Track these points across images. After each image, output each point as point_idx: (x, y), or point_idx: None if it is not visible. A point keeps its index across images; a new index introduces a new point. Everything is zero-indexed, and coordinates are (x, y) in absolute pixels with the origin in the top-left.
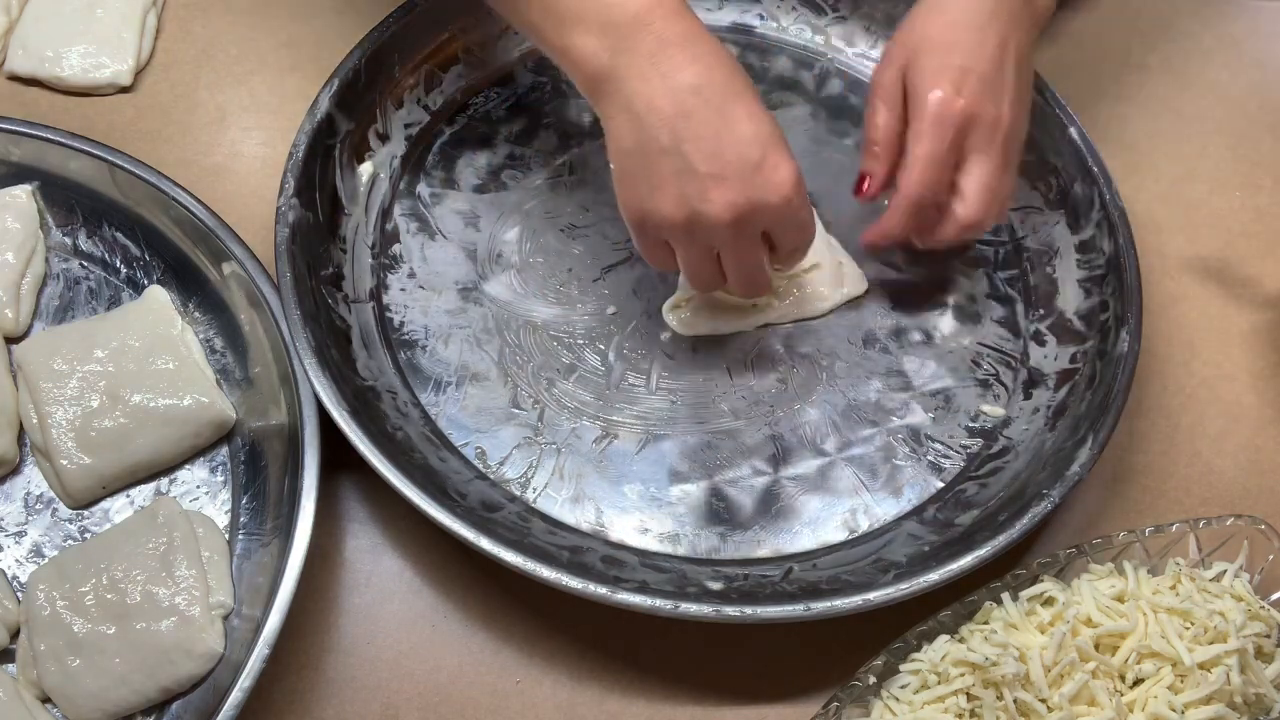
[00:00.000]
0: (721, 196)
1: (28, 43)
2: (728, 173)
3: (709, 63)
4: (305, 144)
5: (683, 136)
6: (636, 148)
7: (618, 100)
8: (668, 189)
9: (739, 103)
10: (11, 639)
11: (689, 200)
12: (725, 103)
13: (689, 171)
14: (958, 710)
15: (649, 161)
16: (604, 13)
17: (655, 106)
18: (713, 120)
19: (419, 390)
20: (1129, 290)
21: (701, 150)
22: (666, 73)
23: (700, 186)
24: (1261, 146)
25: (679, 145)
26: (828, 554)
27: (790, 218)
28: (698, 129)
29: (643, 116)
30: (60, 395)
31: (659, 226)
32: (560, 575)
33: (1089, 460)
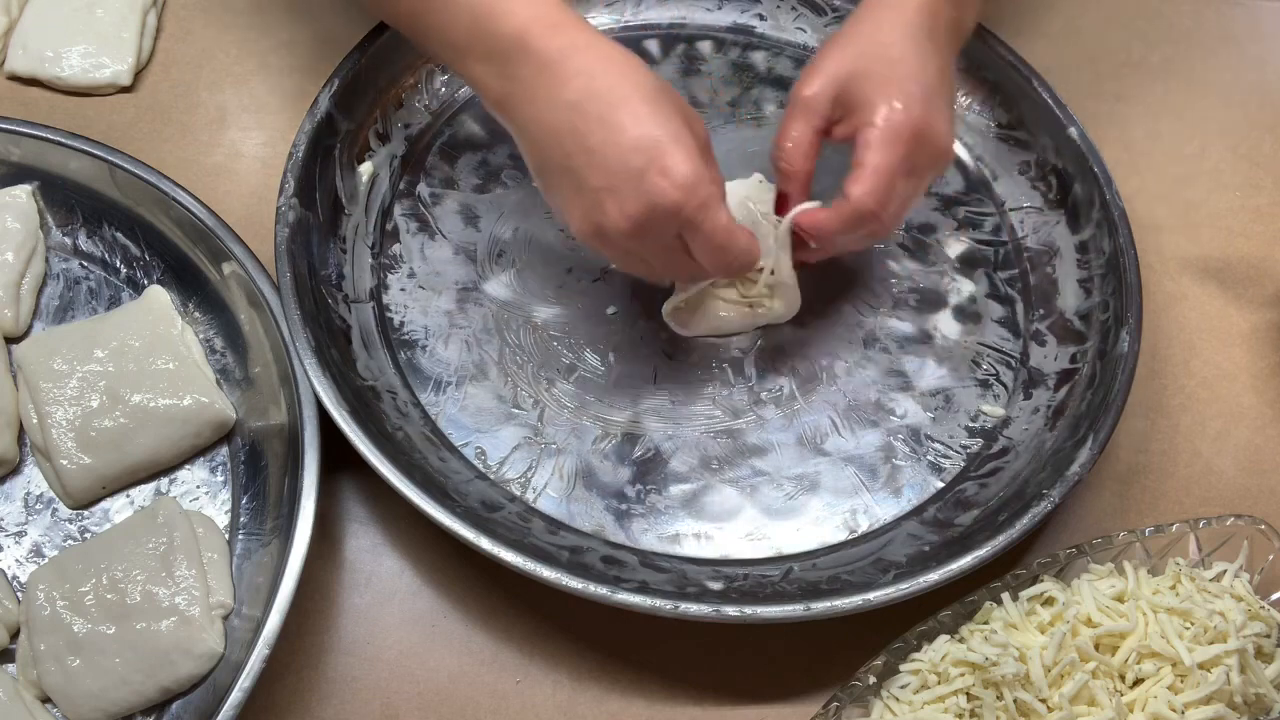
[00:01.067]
0: (616, 209)
1: (28, 43)
2: (616, 183)
3: (591, 73)
4: (305, 144)
5: (570, 153)
6: (539, 169)
7: (518, 126)
8: (573, 205)
9: (623, 106)
10: (11, 639)
11: (591, 215)
12: (608, 111)
13: (584, 188)
14: (958, 710)
15: (552, 181)
16: (486, 41)
17: (544, 128)
18: (595, 131)
19: (419, 390)
20: (1129, 290)
21: (589, 165)
22: (549, 95)
23: (596, 200)
24: (1261, 146)
25: (569, 162)
26: (828, 554)
27: (692, 218)
28: (583, 145)
29: (536, 139)
30: (60, 395)
31: (581, 240)
32: (560, 575)
33: (1089, 460)
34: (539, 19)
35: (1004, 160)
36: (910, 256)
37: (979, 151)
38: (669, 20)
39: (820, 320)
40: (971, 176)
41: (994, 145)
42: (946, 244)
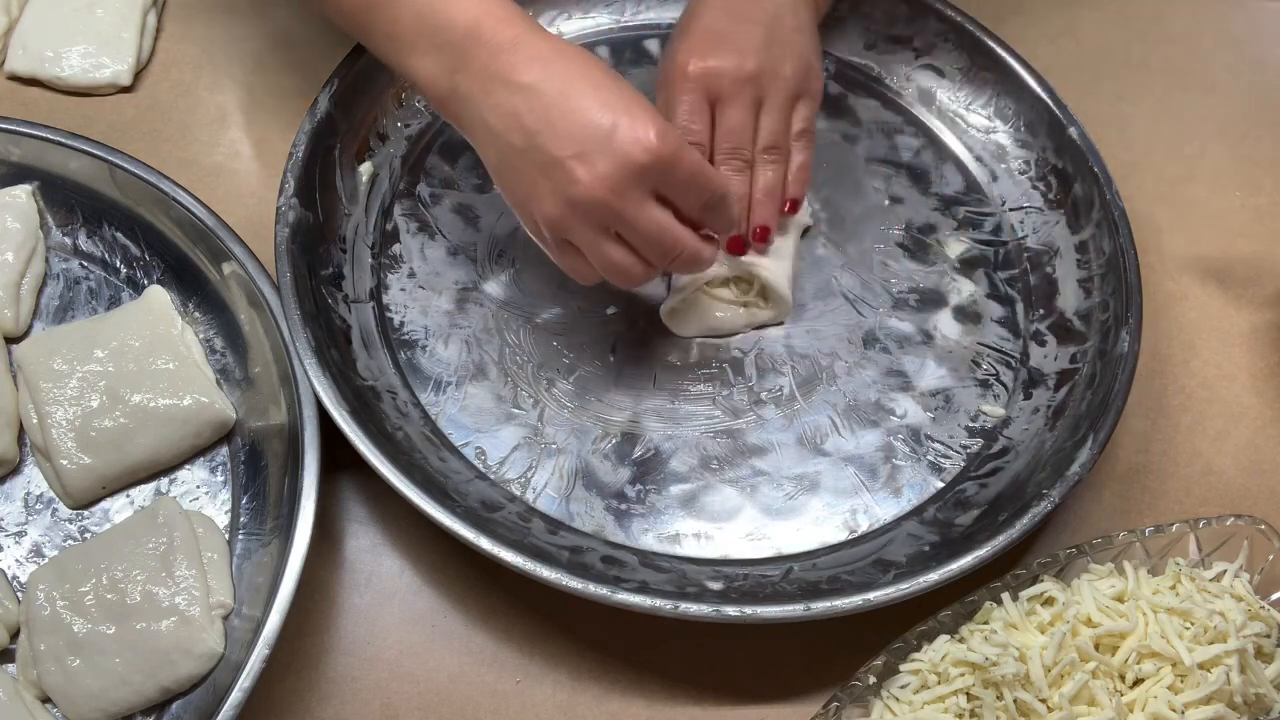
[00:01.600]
0: (588, 173)
1: (28, 43)
2: (585, 147)
3: (545, 58)
4: (305, 144)
5: (533, 130)
6: (501, 160)
7: (470, 120)
8: (540, 188)
9: (580, 81)
10: (11, 639)
11: (561, 189)
12: (566, 85)
13: (551, 162)
14: (958, 710)
15: (515, 169)
16: (437, 34)
17: (500, 113)
18: (556, 104)
19: (419, 390)
20: (1129, 290)
21: (554, 137)
22: (506, 79)
23: (565, 172)
24: (1261, 146)
25: (533, 141)
26: (828, 554)
27: (672, 171)
28: (545, 118)
29: (494, 127)
30: (60, 395)
31: (550, 229)
32: (560, 575)
33: (1089, 460)
34: (490, 13)
35: (1004, 160)
36: (910, 256)
37: (979, 151)
38: (669, 20)
39: (820, 320)
40: (971, 176)
41: (994, 145)
42: (946, 244)
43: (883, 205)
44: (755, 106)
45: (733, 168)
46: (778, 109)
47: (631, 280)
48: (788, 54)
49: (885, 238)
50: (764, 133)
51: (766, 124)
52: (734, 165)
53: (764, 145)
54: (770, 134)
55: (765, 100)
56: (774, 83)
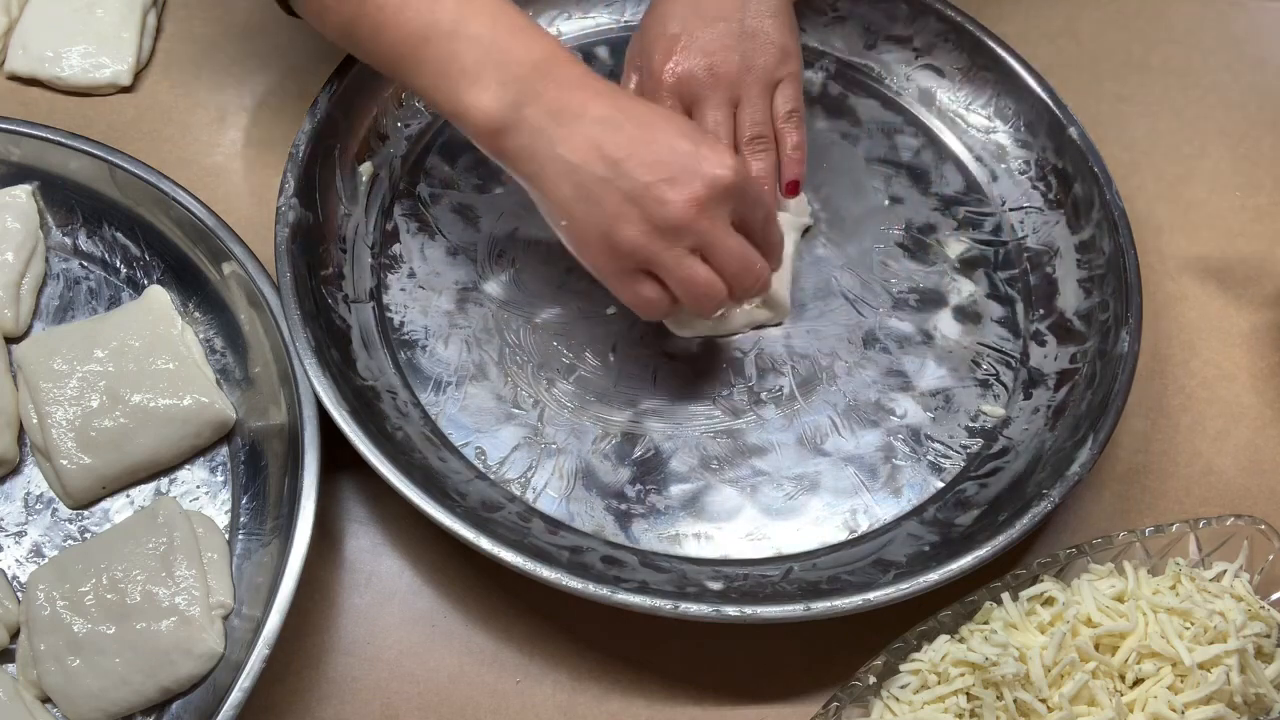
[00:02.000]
0: (678, 195)
1: (28, 43)
2: (674, 171)
3: (615, 94)
4: (305, 144)
5: (618, 159)
6: (577, 191)
7: (538, 153)
8: (625, 214)
9: (653, 113)
10: (11, 639)
11: (649, 213)
12: (642, 117)
13: (638, 187)
14: (958, 710)
15: (594, 198)
16: (503, 69)
17: (579, 145)
18: (639, 134)
19: (419, 390)
20: (1129, 290)
21: (641, 163)
22: (579, 113)
23: (655, 195)
24: (1261, 146)
25: (618, 168)
26: (828, 554)
27: (748, 191)
28: (629, 148)
29: (571, 159)
30: (60, 395)
31: (632, 255)
32: (560, 575)
33: (1089, 460)
34: (557, 51)
35: (1004, 160)
36: (910, 256)
37: (979, 151)
38: None
39: (820, 320)
40: (971, 176)
41: (994, 145)
42: (946, 244)
43: (883, 205)
44: (732, 104)
45: None
46: (755, 99)
47: (710, 303)
48: (758, 44)
49: (885, 238)
50: (745, 125)
51: (746, 117)
52: None
53: (748, 138)
54: (751, 125)
55: (742, 95)
56: (747, 76)
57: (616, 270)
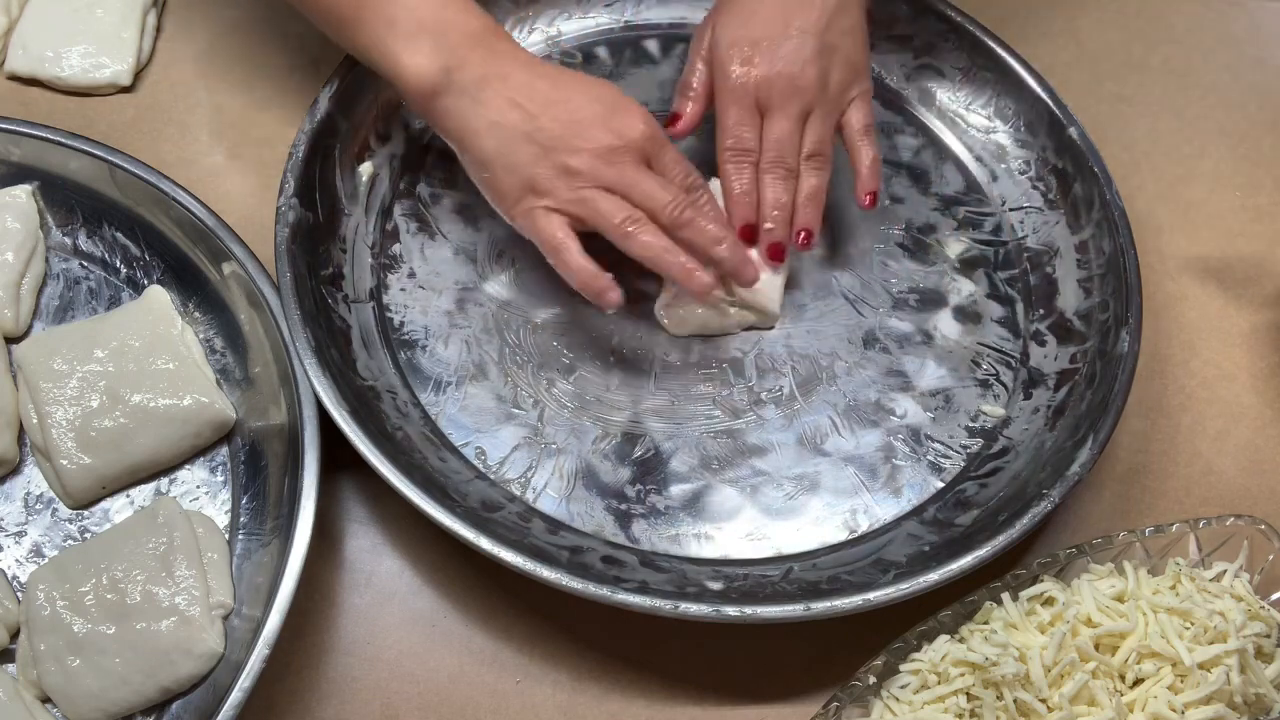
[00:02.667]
0: (586, 143)
1: (28, 43)
2: (584, 126)
3: (535, 64)
4: (305, 144)
5: (535, 114)
6: (498, 145)
7: (461, 113)
8: (540, 163)
9: (572, 79)
10: (11, 639)
11: (561, 160)
12: (560, 82)
13: (552, 138)
14: (958, 710)
15: (515, 151)
16: (437, 37)
17: (501, 104)
18: (556, 96)
19: (419, 390)
20: (1129, 290)
21: (557, 119)
22: (503, 77)
23: (567, 145)
24: (1261, 146)
25: (536, 123)
26: (828, 554)
27: (661, 146)
28: (546, 107)
29: (492, 117)
30: (60, 395)
31: (549, 198)
32: (560, 575)
33: (1089, 460)
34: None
35: (1004, 160)
36: (910, 256)
37: (979, 151)
38: (669, 20)
39: (820, 320)
40: (971, 176)
41: (994, 145)
42: (946, 244)
43: (883, 205)
44: (803, 117)
45: (777, 175)
46: (824, 118)
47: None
48: (837, 61)
49: (885, 238)
50: (809, 141)
51: (812, 133)
52: (778, 174)
53: (809, 153)
54: (815, 142)
55: (814, 110)
56: (822, 94)
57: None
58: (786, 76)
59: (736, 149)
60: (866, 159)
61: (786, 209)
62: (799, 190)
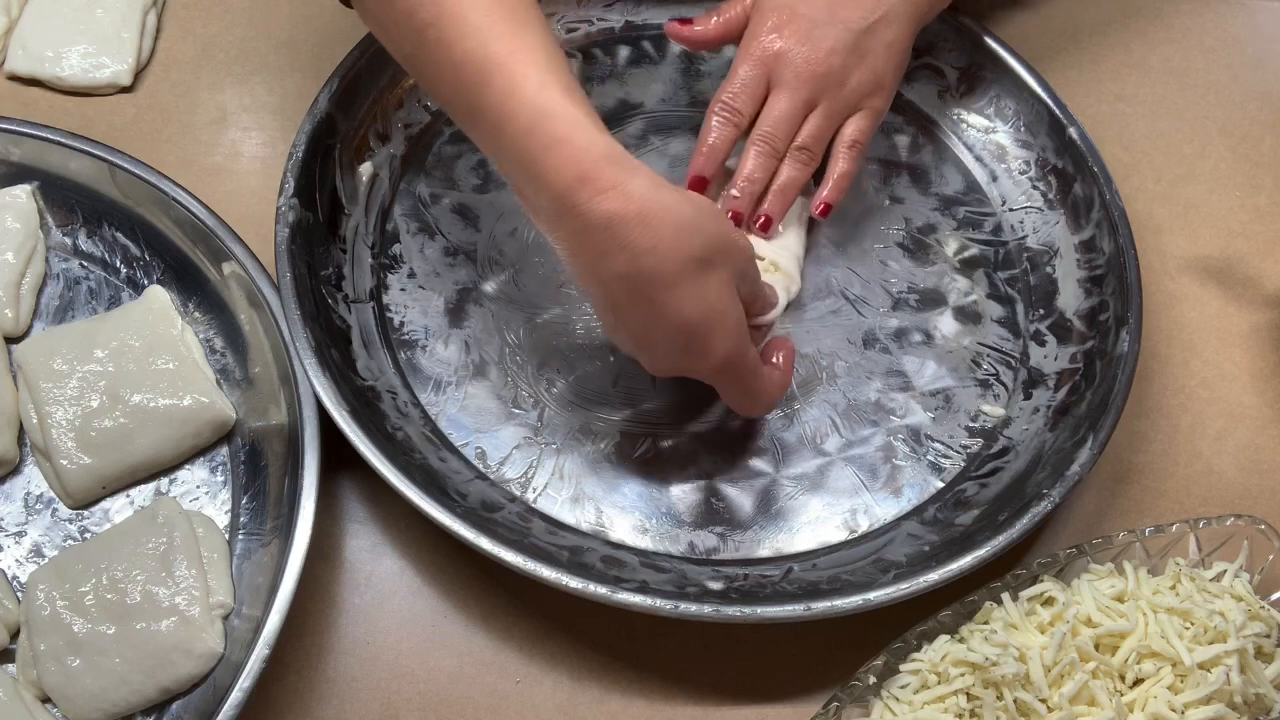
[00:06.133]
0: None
1: (28, 43)
2: (656, 354)
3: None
4: (305, 144)
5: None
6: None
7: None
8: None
9: (666, 293)
10: (11, 639)
11: (640, 353)
12: (652, 294)
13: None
14: (958, 710)
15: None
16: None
17: (597, 281)
18: (638, 314)
19: (419, 390)
20: (1129, 290)
21: (637, 330)
22: (596, 259)
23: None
24: (1261, 146)
25: (621, 318)
26: (828, 554)
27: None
28: (633, 313)
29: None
30: (60, 395)
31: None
32: (560, 575)
33: (1089, 460)
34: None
35: (1004, 160)
36: (910, 256)
37: (979, 152)
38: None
39: (820, 320)
40: (971, 176)
41: (994, 145)
42: (946, 244)
43: (883, 205)
44: (808, 105)
45: (761, 151)
46: (827, 115)
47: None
48: (863, 65)
49: (885, 238)
50: (805, 132)
51: (810, 126)
52: (762, 149)
53: (800, 144)
54: (809, 136)
55: (821, 103)
56: (836, 90)
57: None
58: (808, 59)
59: (729, 106)
60: (837, 169)
61: (757, 186)
62: (775, 176)
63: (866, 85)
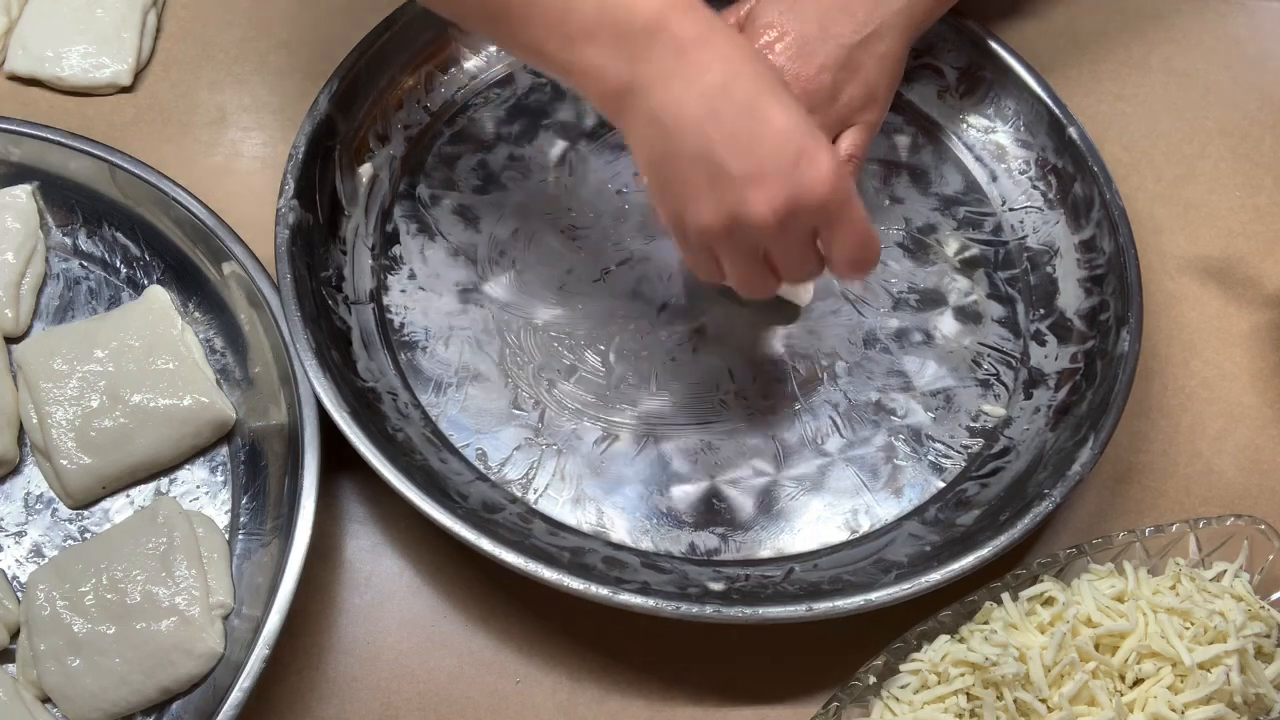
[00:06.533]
0: (761, 196)
1: (28, 43)
2: (764, 169)
3: (733, 59)
4: (305, 145)
5: (712, 139)
6: (664, 158)
7: (641, 112)
8: (703, 197)
9: (769, 96)
10: (11, 639)
11: (727, 205)
12: (754, 98)
13: (723, 175)
14: (958, 710)
15: (680, 171)
16: (616, 24)
17: (682, 113)
18: (742, 118)
19: (420, 392)
20: (1130, 289)
21: (734, 151)
22: (690, 76)
23: (737, 190)
24: (1261, 146)
25: (710, 149)
26: (829, 554)
27: (837, 212)
28: (727, 129)
29: (668, 125)
30: (60, 395)
31: (700, 235)
32: (562, 577)
33: (1090, 460)
34: (674, 4)
35: (1004, 160)
36: (910, 256)
37: (979, 152)
38: None
39: (821, 320)
40: (971, 176)
41: (994, 145)
42: (946, 244)
43: (883, 205)
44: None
45: None
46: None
47: (755, 292)
48: (855, 80)
49: (885, 238)
50: None
51: None
52: None
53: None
54: None
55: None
56: (827, 106)
57: (682, 236)
58: (798, 76)
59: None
60: None
61: None
62: None
63: (859, 100)
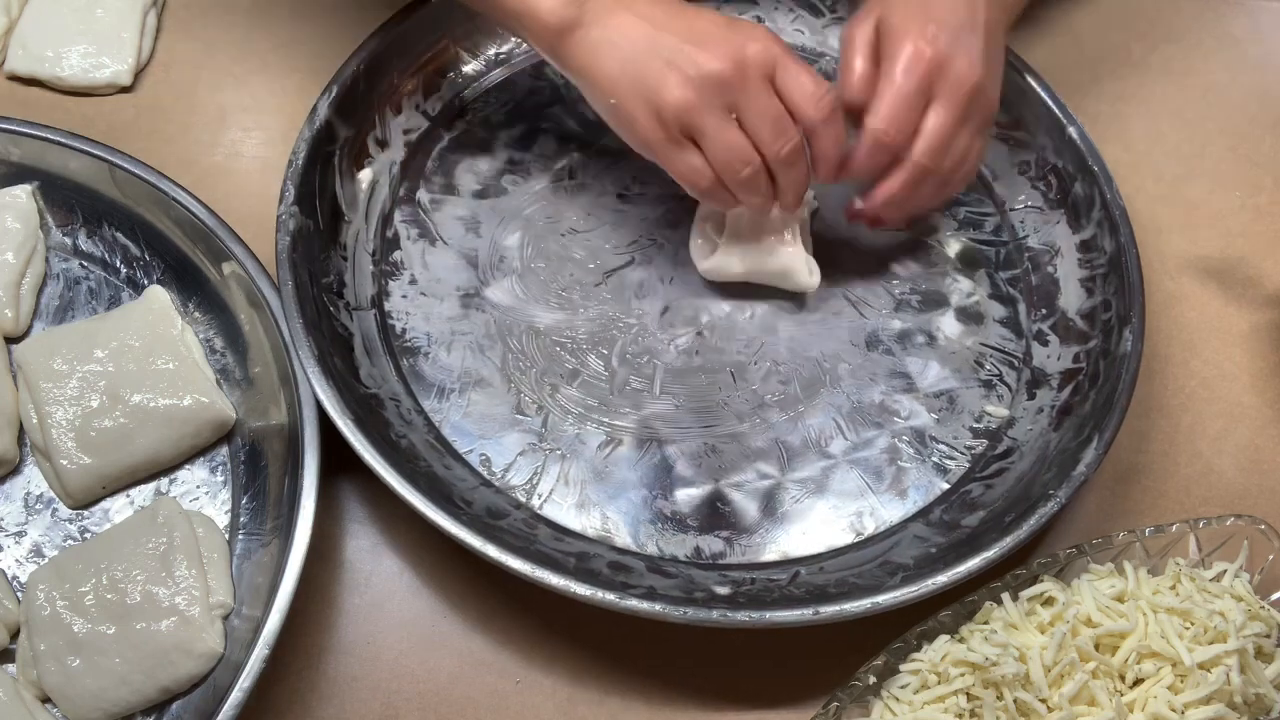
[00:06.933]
0: (713, 53)
1: (28, 43)
2: (709, 38)
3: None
4: (305, 151)
5: (661, 30)
6: (623, 66)
7: (590, 44)
8: (666, 78)
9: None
10: (11, 639)
11: (686, 72)
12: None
13: (677, 51)
14: (958, 710)
15: (639, 70)
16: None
17: (626, 29)
18: (680, 17)
19: (422, 397)
20: (1131, 289)
21: (680, 32)
22: (630, 5)
23: (692, 56)
24: (1261, 146)
25: (660, 38)
26: (834, 557)
27: (782, 55)
28: (671, 28)
29: (616, 39)
30: (60, 395)
31: (676, 117)
32: (569, 583)
33: (1095, 460)
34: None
35: (1004, 160)
36: (911, 257)
37: None
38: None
39: (823, 322)
40: None
41: (994, 145)
42: (947, 244)
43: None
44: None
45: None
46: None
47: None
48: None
49: (885, 238)
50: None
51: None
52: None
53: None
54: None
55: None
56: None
57: (663, 139)
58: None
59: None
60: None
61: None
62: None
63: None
